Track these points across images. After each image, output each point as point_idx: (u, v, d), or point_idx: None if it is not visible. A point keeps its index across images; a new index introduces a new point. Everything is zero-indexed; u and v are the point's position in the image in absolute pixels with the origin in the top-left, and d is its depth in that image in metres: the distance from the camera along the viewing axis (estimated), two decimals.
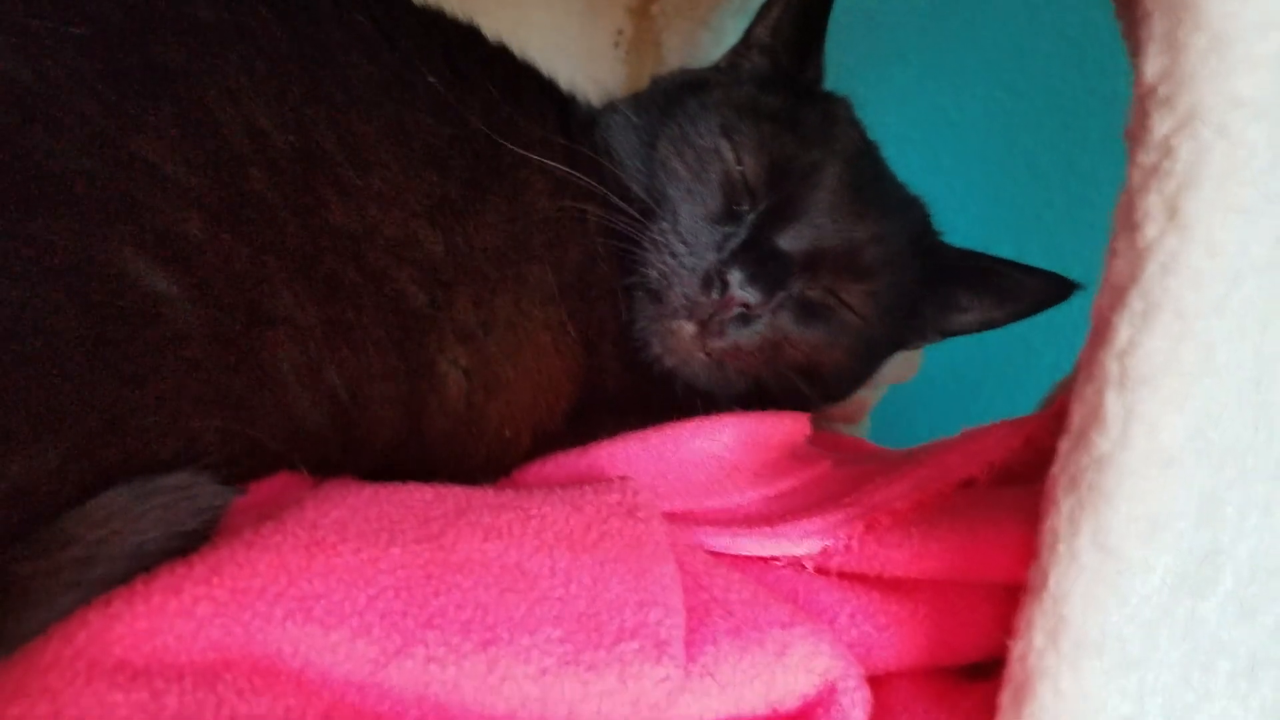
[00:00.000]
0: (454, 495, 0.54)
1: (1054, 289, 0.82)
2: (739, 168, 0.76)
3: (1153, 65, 0.44)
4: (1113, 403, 0.46)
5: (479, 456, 0.66)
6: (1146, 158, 0.45)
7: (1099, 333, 0.47)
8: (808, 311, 0.76)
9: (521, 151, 0.69)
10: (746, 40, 0.90)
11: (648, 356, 0.75)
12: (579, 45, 1.00)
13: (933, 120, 1.37)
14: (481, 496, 0.55)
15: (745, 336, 0.72)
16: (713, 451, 0.69)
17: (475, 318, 0.65)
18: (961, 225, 1.23)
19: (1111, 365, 0.46)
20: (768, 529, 0.61)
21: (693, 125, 0.78)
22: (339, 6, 0.63)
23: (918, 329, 0.88)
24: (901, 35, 1.35)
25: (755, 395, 0.78)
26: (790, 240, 0.74)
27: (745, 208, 0.75)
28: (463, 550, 0.49)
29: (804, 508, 0.64)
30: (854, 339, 0.79)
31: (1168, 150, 0.44)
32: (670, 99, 0.82)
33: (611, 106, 0.85)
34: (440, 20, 0.72)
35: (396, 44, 0.65)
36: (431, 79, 0.65)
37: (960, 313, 0.88)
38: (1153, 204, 0.44)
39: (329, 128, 0.58)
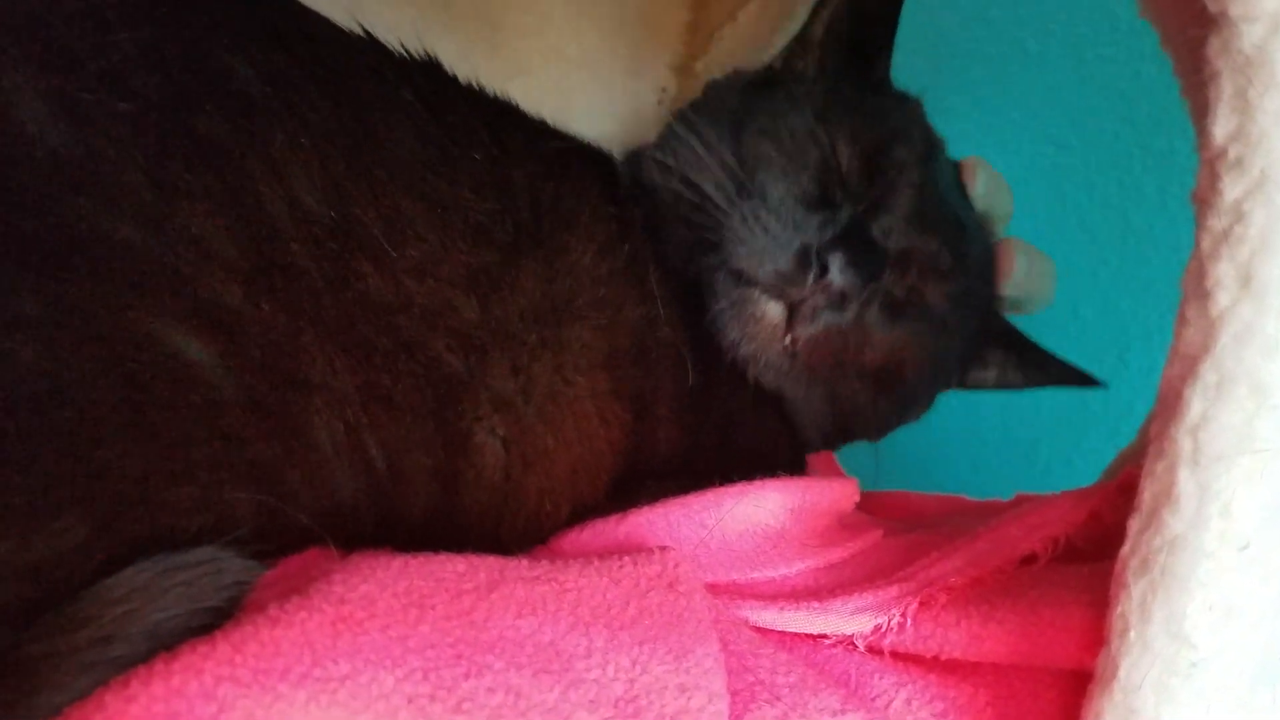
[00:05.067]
0: (487, 567, 0.52)
1: (1077, 379, 0.87)
2: (834, 156, 0.76)
3: (1222, 127, 0.42)
4: (1185, 481, 0.43)
5: (516, 530, 0.64)
6: (1217, 222, 0.43)
7: (1169, 405, 0.45)
8: (892, 309, 0.75)
9: (569, 215, 0.69)
10: (802, 40, 0.89)
11: (723, 343, 0.74)
12: (623, 105, 0.99)
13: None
14: (515, 568, 0.53)
15: (836, 321, 0.72)
16: (758, 519, 0.67)
17: (514, 384, 0.63)
18: None
19: (1184, 441, 0.43)
20: (816, 604, 0.58)
21: (783, 115, 0.78)
22: (385, 85, 0.64)
23: (958, 362, 0.88)
24: (947, 91, 1.34)
25: (824, 406, 0.78)
26: (884, 232, 0.74)
27: (839, 196, 0.75)
28: (495, 628, 0.47)
29: (855, 581, 0.61)
30: (931, 344, 0.79)
31: (1240, 215, 0.42)
32: (746, 95, 0.83)
33: (679, 112, 0.84)
34: (482, 97, 0.72)
35: (441, 120, 0.65)
36: (476, 155, 0.65)
37: (982, 368, 0.89)
38: (1225, 271, 0.42)
39: (370, 203, 0.58)
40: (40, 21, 0.49)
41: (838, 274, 0.68)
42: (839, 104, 0.79)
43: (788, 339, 0.73)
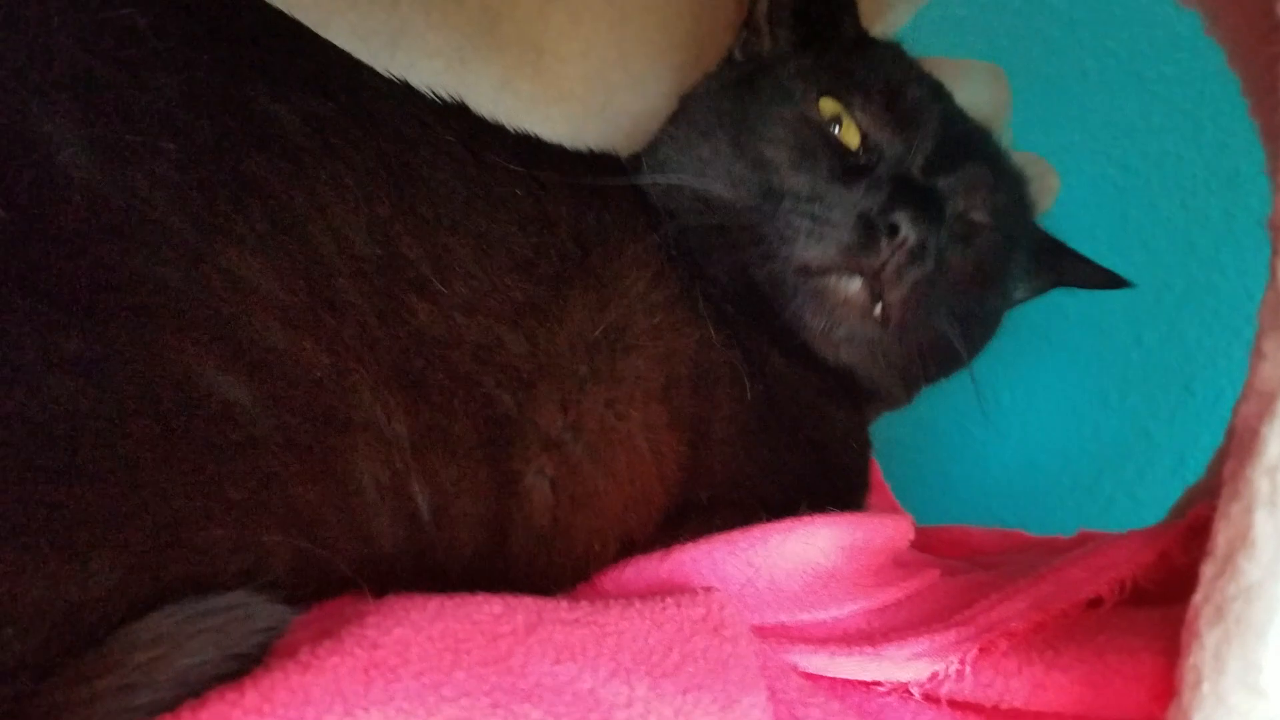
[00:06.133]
0: (524, 609, 0.50)
1: (1107, 279, 0.88)
2: (837, 127, 0.76)
3: None
4: (1263, 524, 0.40)
5: (562, 574, 0.63)
6: None
7: (1245, 444, 0.42)
8: (960, 236, 0.77)
9: (614, 245, 0.69)
10: (749, 24, 0.89)
11: (810, 338, 0.74)
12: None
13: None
14: (554, 610, 0.51)
15: (921, 273, 0.71)
16: (808, 556, 0.64)
17: (563, 421, 0.62)
18: (1073, 307, 1.18)
19: (1261, 482, 0.40)
20: (870, 649, 0.56)
21: (774, 103, 0.78)
22: (427, 126, 0.64)
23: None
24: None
25: (914, 355, 0.77)
26: (927, 172, 0.74)
27: (866, 159, 0.75)
28: (533, 674, 0.45)
29: (910, 625, 0.59)
30: (1000, 252, 0.80)
31: None
32: (734, 94, 0.82)
33: (659, 135, 0.84)
34: (511, 134, 0.73)
35: (480, 159, 0.65)
36: (517, 190, 0.65)
37: (1028, 277, 0.89)
38: None
39: (415, 240, 0.58)
40: (79, 64, 0.49)
41: (909, 227, 0.68)
42: (829, 70, 0.79)
43: (877, 310, 0.72)
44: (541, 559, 0.61)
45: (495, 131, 0.72)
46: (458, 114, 0.70)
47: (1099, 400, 1.18)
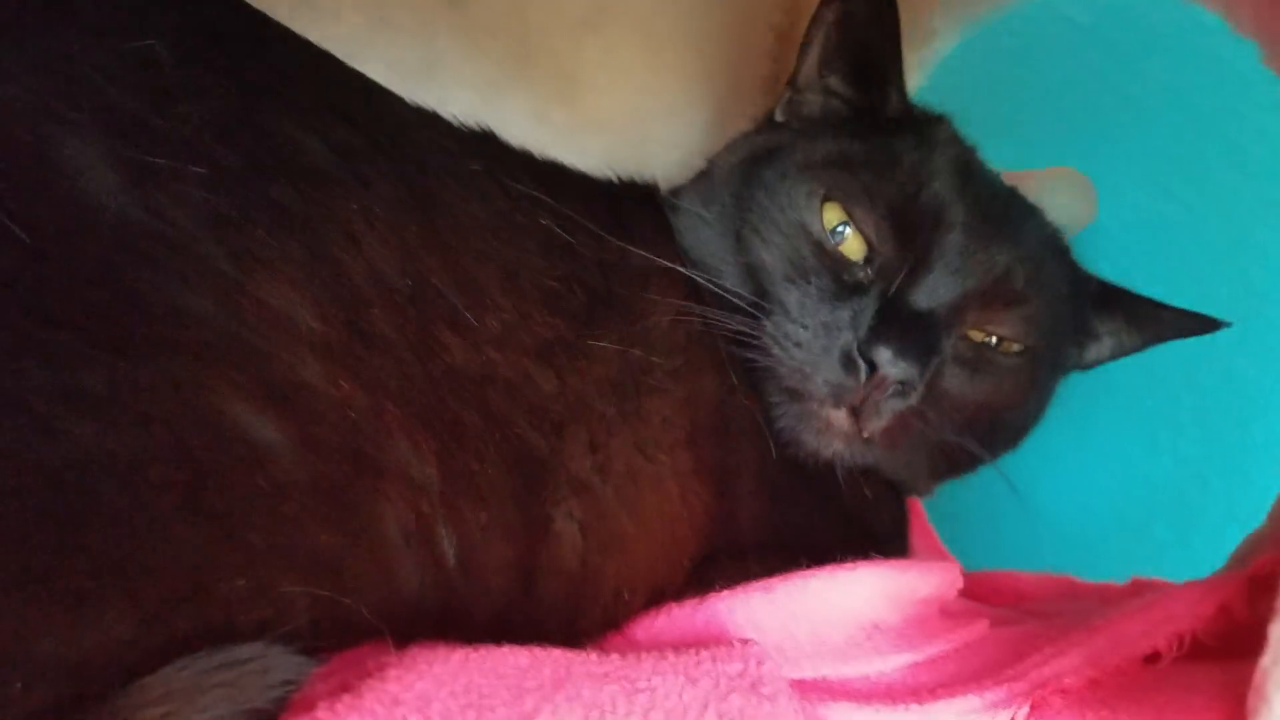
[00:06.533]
0: (552, 662, 0.48)
1: (1194, 324, 0.80)
2: (838, 238, 0.71)
3: None
4: None
5: (590, 622, 0.60)
6: None
7: None
8: (967, 362, 0.71)
9: (639, 277, 0.67)
10: (793, 84, 0.83)
11: (800, 454, 0.70)
12: (702, 158, 0.98)
13: (1084, 230, 1.29)
14: (583, 664, 0.49)
15: (904, 406, 0.67)
16: (850, 606, 0.62)
17: (590, 462, 0.60)
18: None
19: None
20: (916, 705, 0.54)
21: (773, 204, 0.73)
22: (453, 155, 0.64)
23: (1065, 353, 0.82)
24: (1045, 140, 1.29)
25: (925, 461, 0.74)
26: (929, 295, 0.68)
27: (863, 275, 0.70)
28: None
29: (958, 680, 0.56)
30: (1023, 373, 0.74)
31: None
32: (740, 182, 0.78)
33: (675, 200, 0.80)
34: (537, 162, 0.72)
35: (506, 189, 0.64)
36: (542, 220, 0.64)
37: (1094, 340, 0.83)
38: None
39: (444, 271, 0.57)
40: (102, 93, 0.48)
41: (888, 366, 0.64)
42: (844, 164, 0.74)
43: (864, 434, 0.69)
44: (569, 605, 0.59)
45: (522, 159, 0.71)
46: (484, 142, 0.69)
47: (1150, 442, 1.14)
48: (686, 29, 0.92)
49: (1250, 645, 0.43)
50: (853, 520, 0.75)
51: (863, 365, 0.65)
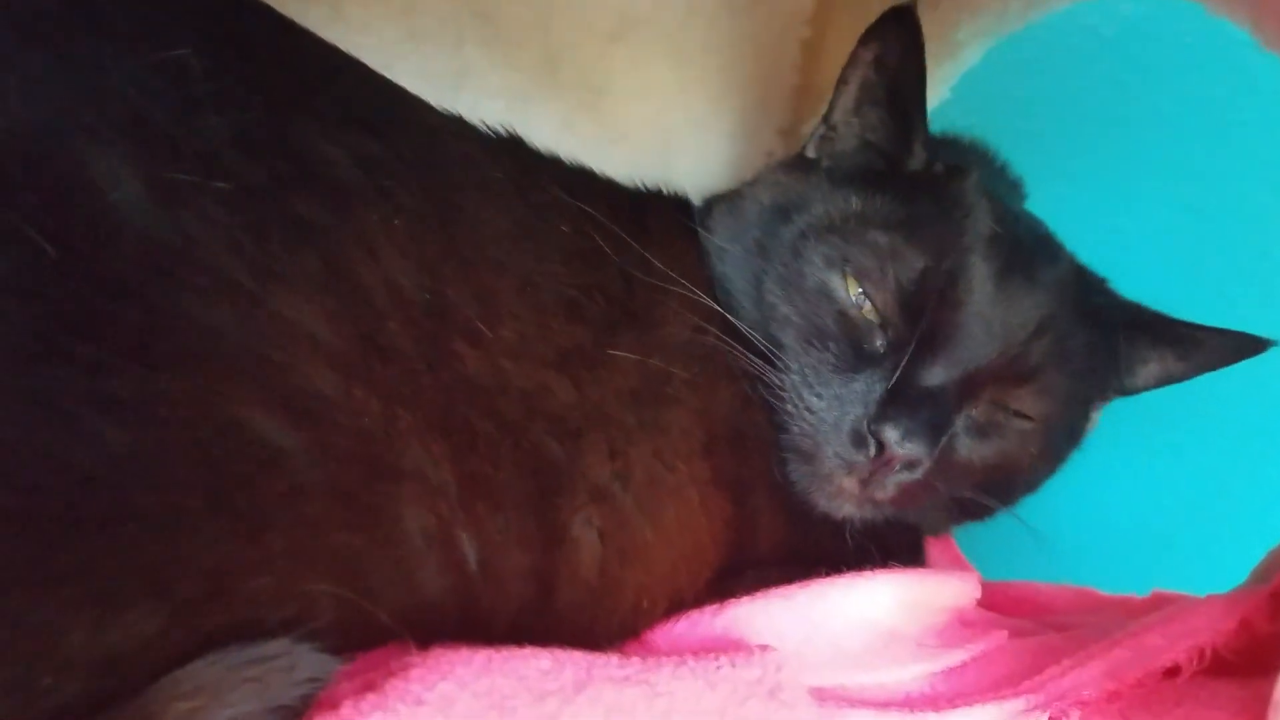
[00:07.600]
0: (573, 664, 0.49)
1: (1240, 346, 0.76)
2: (859, 304, 0.70)
3: None
4: None
5: (610, 629, 0.61)
6: None
7: None
8: (978, 434, 0.70)
9: (660, 285, 0.67)
10: (827, 120, 0.81)
11: (813, 511, 0.70)
12: (728, 170, 0.98)
13: (1109, 244, 1.28)
14: (604, 667, 0.50)
15: (912, 479, 0.67)
16: (869, 614, 0.62)
17: (610, 470, 0.61)
18: None
19: None
20: (934, 714, 0.54)
21: (795, 261, 0.72)
22: (476, 164, 0.64)
23: (1097, 387, 0.80)
24: (1070, 152, 1.29)
25: (938, 514, 0.75)
26: (942, 371, 0.67)
27: (880, 344, 0.69)
28: None
29: (976, 690, 0.57)
30: (1036, 441, 0.73)
31: None
32: (765, 228, 0.76)
33: (707, 217, 0.79)
34: (564, 167, 0.72)
35: (527, 197, 0.65)
36: (564, 227, 0.64)
37: (1142, 365, 0.80)
38: None
39: (463, 282, 0.58)
40: (131, 105, 0.49)
41: (896, 446, 0.64)
42: (863, 227, 0.72)
43: (872, 502, 0.69)
44: (589, 613, 0.60)
45: (549, 165, 0.71)
46: (510, 149, 0.69)
47: (1174, 453, 1.14)
48: (713, 41, 0.92)
49: (1271, 661, 0.43)
50: (869, 534, 0.74)
51: (872, 443, 0.65)
